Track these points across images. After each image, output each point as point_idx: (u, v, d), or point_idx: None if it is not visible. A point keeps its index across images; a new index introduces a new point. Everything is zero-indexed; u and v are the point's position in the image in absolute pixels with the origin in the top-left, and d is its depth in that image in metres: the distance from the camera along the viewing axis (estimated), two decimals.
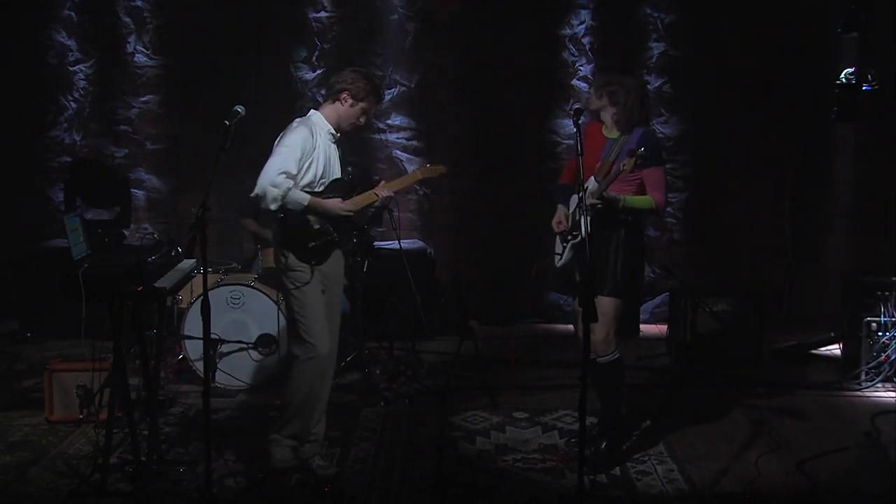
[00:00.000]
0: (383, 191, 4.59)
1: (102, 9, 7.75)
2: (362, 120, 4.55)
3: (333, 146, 4.55)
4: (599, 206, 4.41)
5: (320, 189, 4.46)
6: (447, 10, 7.75)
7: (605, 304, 4.53)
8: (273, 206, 4.31)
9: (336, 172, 4.53)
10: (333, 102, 4.53)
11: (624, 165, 4.37)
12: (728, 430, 5.22)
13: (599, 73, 4.67)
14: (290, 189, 4.33)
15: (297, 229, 4.43)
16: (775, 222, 7.74)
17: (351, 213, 4.51)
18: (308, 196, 4.38)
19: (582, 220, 4.19)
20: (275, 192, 4.28)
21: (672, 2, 7.67)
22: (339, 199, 4.47)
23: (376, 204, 4.72)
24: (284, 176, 4.29)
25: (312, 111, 4.58)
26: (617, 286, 4.55)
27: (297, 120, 4.54)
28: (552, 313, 7.91)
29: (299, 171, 4.37)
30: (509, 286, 7.72)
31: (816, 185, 7.64)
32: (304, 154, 4.37)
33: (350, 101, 4.49)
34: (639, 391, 5.82)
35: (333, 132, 4.53)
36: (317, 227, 4.45)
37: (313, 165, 4.41)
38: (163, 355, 5.45)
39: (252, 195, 4.32)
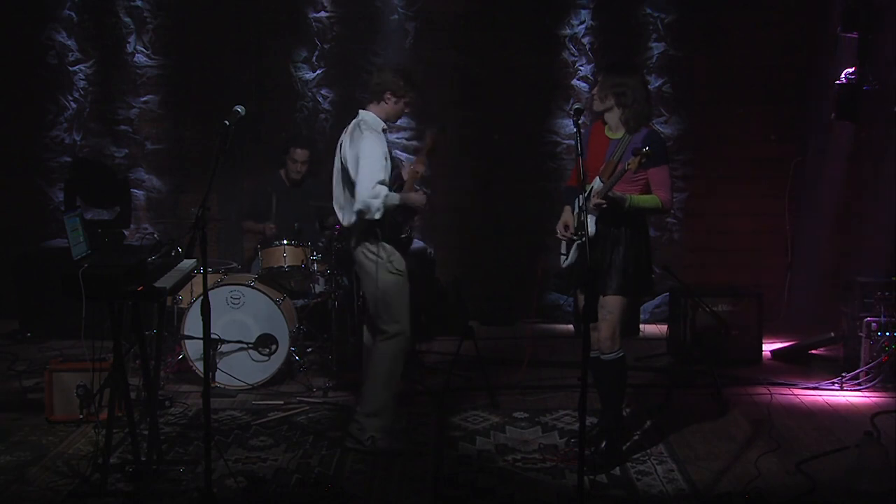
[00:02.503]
0: (420, 165, 4.91)
1: (102, 9, 7.76)
2: (406, 111, 4.91)
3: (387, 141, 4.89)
4: (605, 205, 4.42)
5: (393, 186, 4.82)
6: (447, 10, 7.76)
7: (611, 303, 4.53)
8: (378, 216, 4.67)
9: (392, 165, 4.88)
10: (379, 102, 4.82)
11: (629, 165, 4.37)
12: (728, 430, 5.22)
13: (606, 74, 4.63)
14: (387, 195, 4.67)
15: (392, 224, 4.78)
16: (775, 222, 7.74)
17: (426, 201, 4.91)
18: (397, 195, 4.75)
19: (587, 221, 4.20)
20: (377, 203, 4.64)
21: (672, 2, 7.68)
22: (420, 192, 4.91)
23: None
24: (379, 185, 4.66)
25: (363, 112, 4.84)
26: (622, 285, 4.55)
27: (360, 126, 4.77)
28: (552, 313, 7.92)
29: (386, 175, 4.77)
30: (509, 286, 7.72)
31: (816, 185, 7.64)
32: (385, 157, 4.73)
33: (393, 99, 4.80)
34: (639, 391, 5.81)
35: (385, 128, 4.86)
36: (399, 219, 4.80)
37: (388, 164, 4.77)
38: (163, 355, 5.45)
39: (355, 211, 4.70)
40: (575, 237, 4.66)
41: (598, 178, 4.55)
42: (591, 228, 4.47)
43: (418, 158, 4.99)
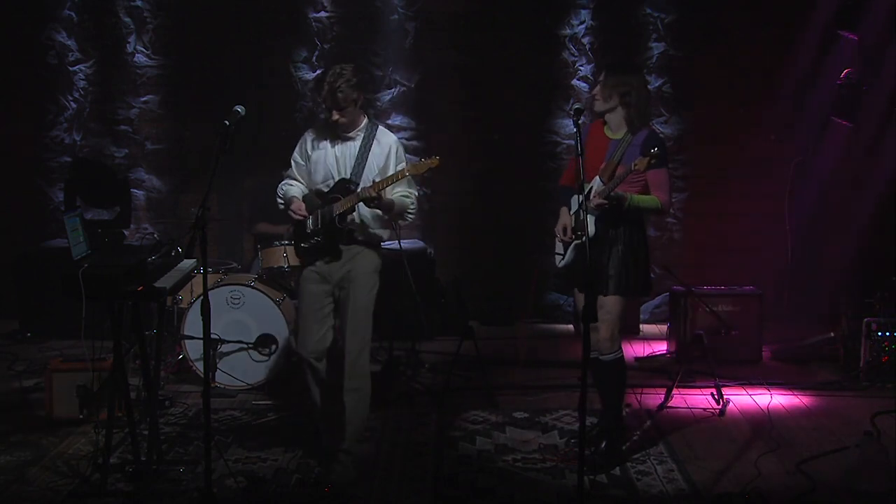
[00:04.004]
0: (367, 191, 4.40)
1: (102, 9, 7.76)
2: (335, 118, 4.45)
3: (351, 145, 4.53)
4: (606, 205, 4.41)
5: (326, 188, 4.57)
6: (447, 10, 7.76)
7: (610, 303, 4.53)
8: (281, 207, 4.65)
9: (345, 172, 4.52)
10: None
11: (636, 165, 4.36)
12: (728, 430, 5.22)
13: (609, 73, 4.62)
14: (287, 189, 4.63)
15: (295, 230, 4.65)
16: (775, 222, 7.73)
17: (298, 217, 4.53)
18: (293, 196, 4.59)
19: (586, 221, 4.19)
20: (278, 194, 4.65)
21: (672, 2, 7.68)
22: (301, 205, 4.55)
23: (370, 203, 4.45)
24: (286, 179, 4.68)
25: None
26: (621, 285, 4.55)
27: None
28: (552, 313, 7.91)
29: (299, 174, 4.66)
30: (509, 286, 7.72)
31: (816, 185, 7.63)
32: (301, 157, 4.65)
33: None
34: (639, 391, 5.81)
35: (345, 133, 4.52)
36: (309, 229, 4.55)
37: (314, 169, 4.58)
38: (163, 355, 5.45)
39: None
40: (574, 238, 4.65)
41: (597, 177, 4.55)
42: (591, 228, 4.47)
43: (374, 184, 4.42)
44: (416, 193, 4.64)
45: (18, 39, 7.74)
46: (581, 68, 7.77)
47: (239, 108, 4.15)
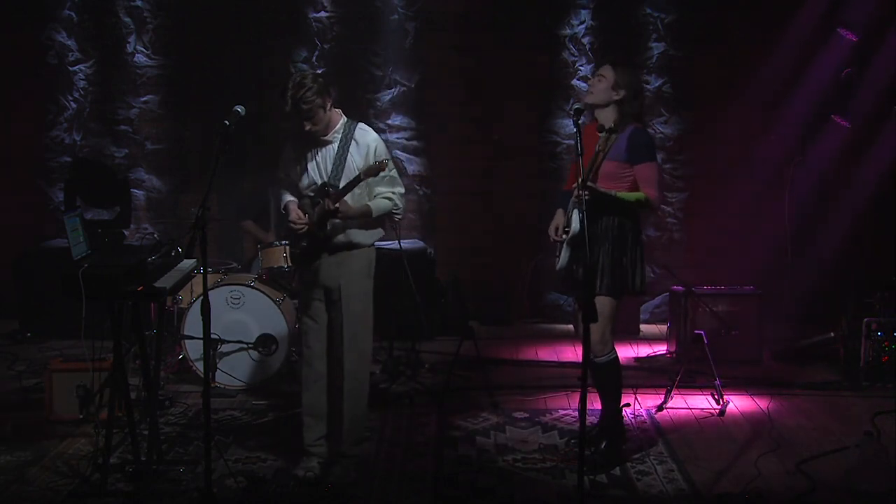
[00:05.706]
0: (327, 204, 4.32)
1: (102, 9, 7.77)
2: (307, 129, 4.37)
3: (329, 148, 4.44)
4: (587, 196, 4.26)
5: (311, 194, 4.46)
6: (447, 10, 7.77)
7: (599, 304, 4.50)
8: (283, 213, 4.55)
9: (325, 176, 4.42)
10: None
11: (599, 146, 4.38)
12: (728, 430, 5.22)
13: (615, 68, 4.59)
14: (280, 193, 4.60)
15: (290, 234, 4.59)
16: (775, 222, 7.73)
17: (294, 225, 4.42)
18: (288, 200, 4.53)
19: (574, 216, 4.18)
20: (279, 204, 4.60)
21: (672, 2, 7.68)
22: (299, 213, 4.43)
23: (334, 216, 4.38)
24: (279, 186, 4.65)
25: None
26: (609, 285, 4.54)
27: None
28: (552, 313, 7.91)
29: (289, 176, 4.58)
30: (509, 286, 7.72)
31: (816, 185, 7.64)
32: (286, 159, 4.59)
33: None
34: (639, 391, 5.80)
35: (322, 137, 4.43)
36: (300, 233, 4.49)
37: (301, 171, 4.48)
38: (163, 355, 5.45)
39: None
40: (563, 234, 4.65)
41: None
42: (576, 225, 4.47)
43: (334, 195, 4.32)
44: (402, 191, 4.50)
45: (18, 39, 7.75)
46: (581, 68, 7.77)
47: (239, 108, 4.15)
